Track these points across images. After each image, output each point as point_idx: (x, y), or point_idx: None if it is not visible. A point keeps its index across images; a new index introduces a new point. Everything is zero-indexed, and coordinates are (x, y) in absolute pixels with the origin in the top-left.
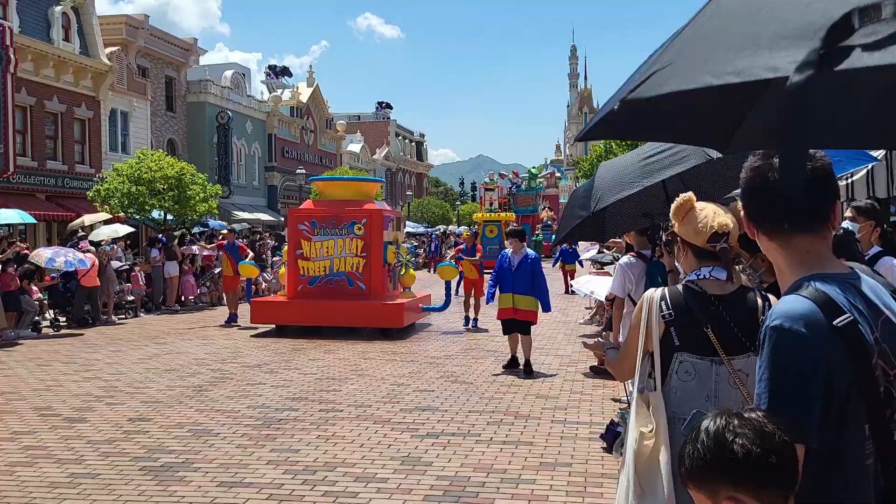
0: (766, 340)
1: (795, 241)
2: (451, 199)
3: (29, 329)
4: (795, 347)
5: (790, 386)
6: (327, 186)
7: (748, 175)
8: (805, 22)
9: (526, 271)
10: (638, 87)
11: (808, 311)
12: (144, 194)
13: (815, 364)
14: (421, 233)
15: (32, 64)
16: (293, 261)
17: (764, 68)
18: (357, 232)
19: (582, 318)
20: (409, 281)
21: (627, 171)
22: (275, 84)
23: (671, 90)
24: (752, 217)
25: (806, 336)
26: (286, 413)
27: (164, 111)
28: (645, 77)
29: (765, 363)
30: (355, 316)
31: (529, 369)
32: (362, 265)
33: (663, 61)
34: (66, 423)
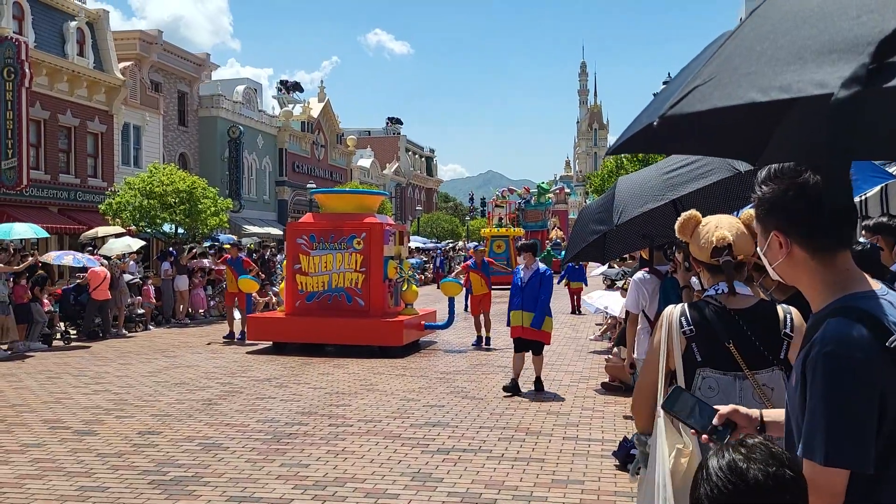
0: (817, 368)
1: (839, 259)
2: (461, 214)
3: (39, 341)
4: (852, 374)
5: (848, 414)
6: (328, 199)
7: (788, 194)
8: (854, 35)
9: (534, 288)
10: (679, 102)
11: (860, 334)
12: (156, 208)
13: (871, 390)
14: (430, 248)
15: (47, 78)
16: (291, 276)
17: (811, 83)
18: (356, 246)
19: (593, 335)
20: (411, 297)
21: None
22: (286, 99)
23: (715, 106)
24: (796, 234)
25: (862, 362)
26: (296, 427)
27: (176, 125)
28: (686, 92)
29: (819, 392)
30: (353, 333)
31: (539, 385)
32: (361, 280)
33: (705, 76)
34: (76, 436)
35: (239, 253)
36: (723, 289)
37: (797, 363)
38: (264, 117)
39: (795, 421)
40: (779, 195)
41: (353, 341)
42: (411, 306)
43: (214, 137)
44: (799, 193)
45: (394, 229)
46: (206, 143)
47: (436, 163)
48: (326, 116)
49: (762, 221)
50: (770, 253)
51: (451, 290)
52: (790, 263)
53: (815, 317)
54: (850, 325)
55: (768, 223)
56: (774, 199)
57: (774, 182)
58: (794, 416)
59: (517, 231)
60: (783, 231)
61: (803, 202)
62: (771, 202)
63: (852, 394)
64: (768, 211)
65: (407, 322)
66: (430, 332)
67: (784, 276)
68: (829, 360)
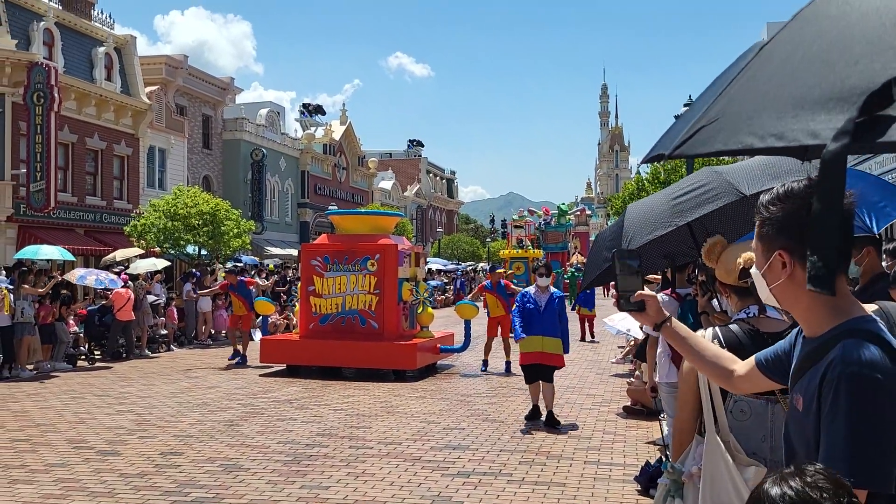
0: (840, 389)
1: (839, 283)
2: (482, 236)
3: (64, 361)
4: (876, 394)
5: (873, 434)
6: (343, 221)
7: (801, 213)
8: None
9: (553, 311)
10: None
11: (877, 355)
12: (180, 230)
13: (892, 408)
14: (450, 269)
15: (75, 102)
16: (305, 298)
17: (804, 133)
18: (370, 268)
19: (614, 358)
20: (427, 320)
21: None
22: (308, 122)
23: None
24: (802, 255)
25: (882, 382)
26: (316, 449)
27: (200, 148)
28: (692, 132)
29: (842, 412)
30: (367, 356)
31: (553, 421)
32: (375, 302)
33: (710, 116)
34: (100, 456)
35: (239, 277)
36: (754, 311)
37: (810, 386)
38: (287, 140)
39: (805, 445)
40: (790, 215)
41: (366, 364)
42: (427, 329)
43: (238, 160)
44: (809, 214)
45: (409, 251)
46: (229, 166)
47: (456, 184)
48: (348, 139)
49: (766, 241)
50: (770, 273)
51: (466, 313)
52: (790, 285)
53: (820, 339)
54: (868, 347)
55: (774, 243)
56: (784, 218)
57: (786, 202)
58: (800, 439)
59: (536, 253)
60: (789, 251)
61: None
62: (781, 222)
63: (877, 414)
64: (777, 231)
65: (421, 345)
66: (447, 355)
67: (782, 297)
68: (853, 381)
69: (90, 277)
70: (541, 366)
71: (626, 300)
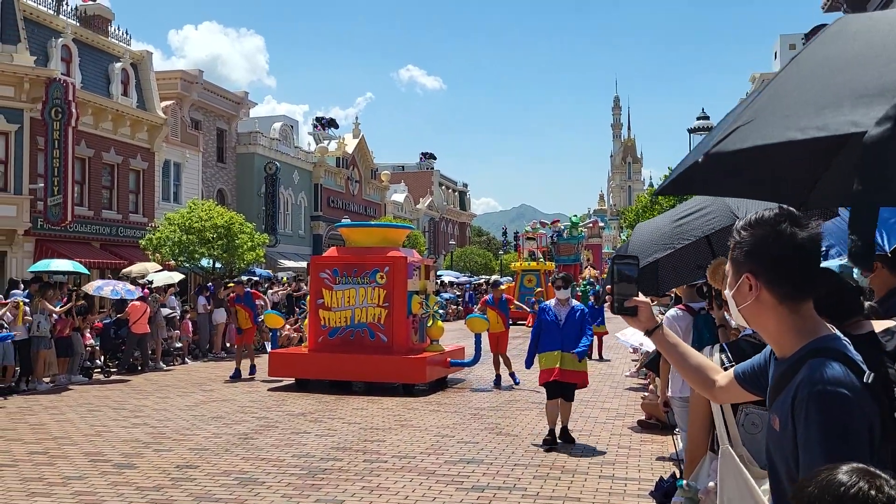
0: (810, 408)
1: (805, 306)
2: (494, 248)
3: (80, 374)
4: (843, 409)
5: (845, 448)
6: (353, 233)
7: (767, 240)
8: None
9: (574, 325)
10: (722, 140)
11: (842, 372)
12: (194, 243)
13: (863, 424)
14: (463, 282)
15: (92, 117)
16: (314, 311)
17: (846, 123)
18: (379, 281)
19: (628, 371)
20: (437, 333)
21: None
22: (321, 135)
23: (755, 144)
24: (766, 279)
25: (850, 398)
26: (331, 463)
27: (214, 162)
28: (729, 131)
29: (814, 428)
30: (376, 370)
31: (568, 437)
32: (384, 316)
33: (746, 117)
34: (116, 469)
35: (245, 288)
36: None
37: (783, 407)
38: (300, 153)
39: (784, 462)
40: (758, 240)
41: (375, 378)
42: (437, 342)
43: (251, 173)
44: (776, 240)
45: (419, 263)
46: (243, 179)
47: (469, 197)
48: (361, 152)
49: (736, 264)
50: (738, 295)
51: (477, 326)
52: (757, 307)
53: (790, 360)
54: (833, 365)
55: (742, 266)
56: (753, 244)
57: (755, 228)
58: (781, 457)
59: (548, 265)
60: (756, 275)
61: (779, 249)
62: (749, 246)
63: (847, 428)
64: (746, 255)
65: (431, 359)
66: (457, 369)
67: (749, 318)
68: (821, 399)
69: (106, 288)
70: (559, 383)
71: (619, 304)
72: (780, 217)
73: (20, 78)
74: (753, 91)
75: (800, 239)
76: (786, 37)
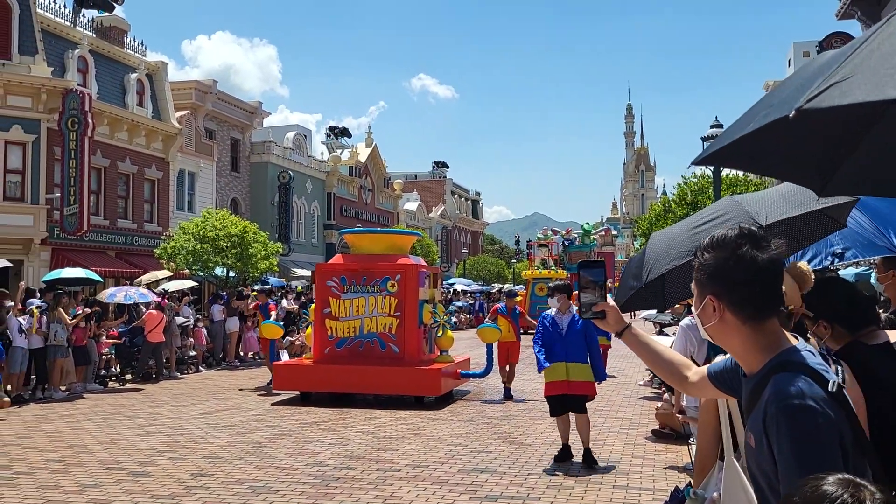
0: (780, 424)
1: (768, 324)
2: (507, 256)
3: (95, 382)
4: (811, 421)
5: (819, 459)
6: (359, 240)
7: (728, 263)
8: None
9: (578, 334)
10: (817, 96)
11: (807, 384)
12: (208, 252)
13: (833, 433)
14: (475, 291)
15: (108, 128)
16: (320, 320)
17: None
18: (390, 289)
19: (642, 380)
20: (446, 343)
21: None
22: (334, 144)
23: (856, 100)
24: (729, 301)
25: (816, 409)
26: (344, 472)
27: (228, 171)
28: (824, 87)
29: (785, 442)
30: (387, 382)
31: (591, 460)
32: (396, 325)
33: (842, 74)
34: (131, 478)
35: (267, 298)
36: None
37: (756, 424)
38: (313, 162)
39: (766, 479)
40: (719, 263)
41: (386, 391)
42: (447, 353)
43: (265, 182)
44: (737, 264)
45: (428, 271)
46: (257, 189)
47: (481, 205)
48: (374, 161)
49: (700, 285)
50: (703, 315)
51: (489, 336)
52: (721, 327)
53: (756, 377)
54: (796, 378)
55: (705, 288)
56: (715, 266)
57: (716, 251)
58: (762, 474)
59: (560, 273)
60: (717, 297)
61: (740, 273)
62: (712, 269)
63: (818, 438)
64: (708, 277)
65: (444, 370)
66: (465, 380)
67: (714, 337)
68: (788, 413)
69: (120, 294)
70: (568, 396)
71: (587, 309)
72: (740, 239)
73: (37, 89)
74: (838, 50)
75: (760, 262)
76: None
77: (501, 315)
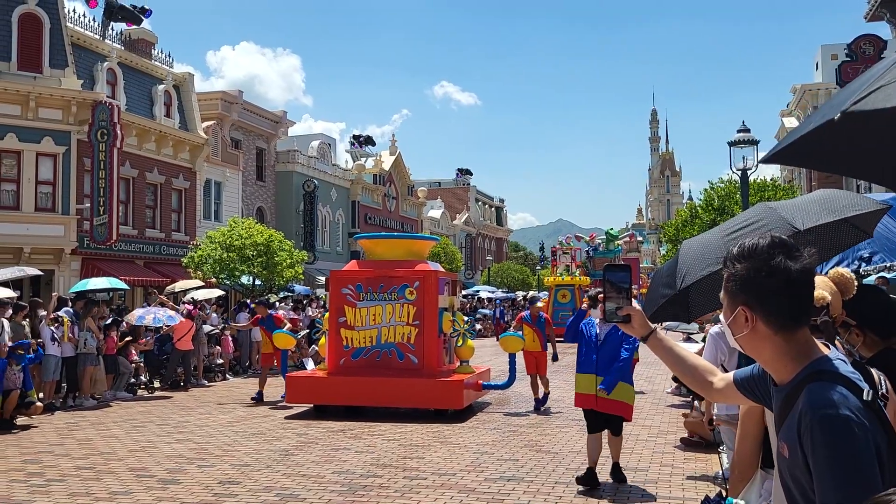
0: (815, 435)
1: (799, 334)
2: (531, 263)
3: (124, 391)
4: (847, 431)
5: (857, 472)
6: (375, 245)
7: (760, 274)
8: None
9: (615, 347)
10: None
11: (844, 395)
12: (235, 260)
13: (867, 441)
14: (498, 298)
15: (136, 138)
16: (335, 330)
17: None
18: (409, 297)
19: (669, 388)
20: (467, 353)
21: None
22: (359, 153)
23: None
24: (762, 312)
25: (854, 418)
26: (370, 480)
27: (254, 180)
28: (870, 91)
29: (821, 454)
30: (406, 394)
31: (620, 475)
32: (415, 335)
33: (889, 78)
34: (161, 485)
35: (267, 311)
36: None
37: (790, 434)
38: (338, 171)
39: (799, 488)
40: (751, 274)
41: (405, 403)
42: (467, 363)
43: (290, 191)
44: (770, 275)
45: (447, 278)
46: (282, 197)
47: (505, 212)
48: (398, 169)
49: (731, 295)
50: (734, 325)
51: (511, 346)
52: (753, 337)
53: (789, 387)
54: (831, 387)
55: (737, 298)
56: (747, 276)
57: (748, 260)
58: (795, 483)
59: (584, 280)
60: (750, 308)
61: (773, 284)
62: (743, 280)
63: (856, 450)
64: (739, 287)
65: (466, 382)
66: (487, 392)
67: (745, 347)
68: (824, 425)
69: (148, 317)
70: (598, 414)
71: (612, 313)
72: (773, 249)
73: (68, 101)
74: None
75: (793, 272)
76: (827, 47)
77: (526, 324)
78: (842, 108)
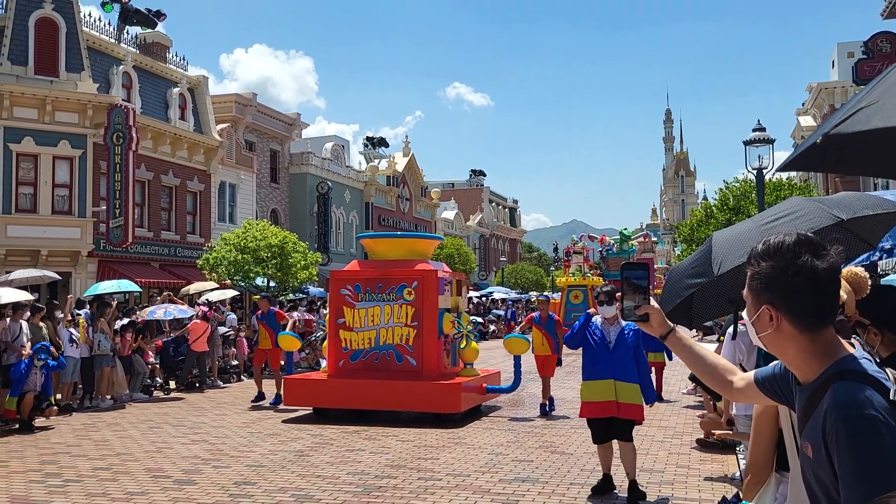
0: (840, 435)
1: (825, 333)
2: (545, 264)
3: (140, 392)
4: (874, 432)
5: (881, 467)
6: (376, 245)
7: (786, 273)
8: None
9: (628, 349)
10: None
11: (870, 394)
12: (249, 262)
13: (894, 440)
14: (511, 299)
15: (151, 141)
16: (334, 331)
17: None
18: (407, 297)
19: (685, 388)
20: (471, 356)
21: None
22: (372, 154)
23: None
24: (787, 311)
25: (880, 419)
26: (385, 480)
27: (268, 182)
28: (850, 114)
29: (847, 454)
30: (403, 398)
31: (637, 492)
32: (413, 336)
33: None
34: (177, 486)
35: (270, 306)
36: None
37: (815, 433)
38: (351, 172)
39: (822, 488)
40: (777, 272)
41: (403, 407)
42: (471, 366)
43: (304, 193)
44: (796, 274)
45: (450, 277)
46: (296, 199)
47: (519, 213)
48: (411, 170)
49: (755, 293)
50: (759, 324)
51: (516, 348)
52: (778, 336)
53: (813, 386)
54: (857, 387)
55: (761, 297)
56: (772, 275)
57: (773, 259)
58: (818, 484)
59: (597, 280)
60: (775, 306)
61: (800, 283)
62: (768, 278)
63: (882, 451)
64: (764, 286)
65: (465, 385)
66: (493, 396)
67: (769, 346)
68: (850, 425)
69: (159, 311)
70: (614, 421)
71: (630, 311)
72: (798, 247)
73: (84, 105)
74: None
75: (820, 271)
76: (843, 45)
77: (536, 326)
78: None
